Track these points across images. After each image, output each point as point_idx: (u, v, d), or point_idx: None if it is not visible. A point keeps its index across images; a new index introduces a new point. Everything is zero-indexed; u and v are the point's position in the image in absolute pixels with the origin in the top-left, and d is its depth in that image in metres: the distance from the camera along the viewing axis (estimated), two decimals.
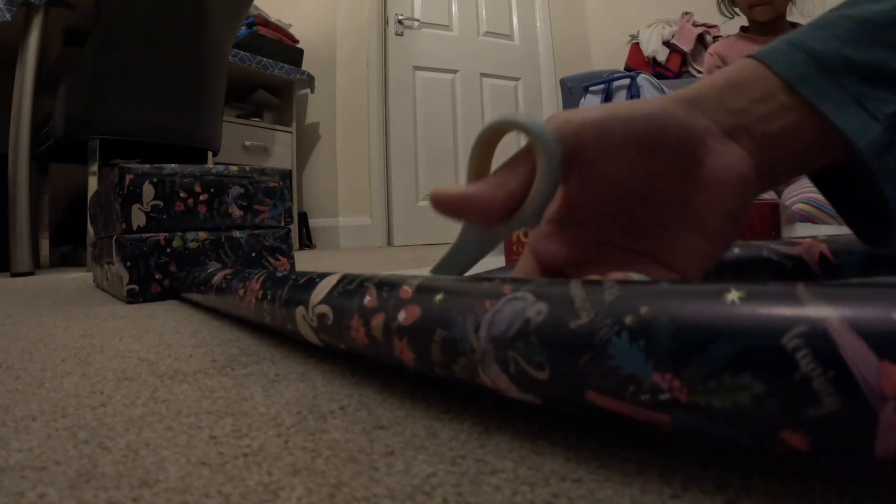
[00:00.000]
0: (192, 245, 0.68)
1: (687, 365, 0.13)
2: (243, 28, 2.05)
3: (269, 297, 0.33)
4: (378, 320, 0.22)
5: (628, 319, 0.14)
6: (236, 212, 0.71)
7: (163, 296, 0.66)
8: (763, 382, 0.12)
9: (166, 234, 0.66)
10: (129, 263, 0.64)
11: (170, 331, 0.44)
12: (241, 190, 0.72)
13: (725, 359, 0.12)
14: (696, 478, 0.15)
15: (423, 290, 0.21)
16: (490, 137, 0.23)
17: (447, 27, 2.61)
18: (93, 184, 1.31)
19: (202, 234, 0.68)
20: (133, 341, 0.40)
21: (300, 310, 0.28)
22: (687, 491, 0.14)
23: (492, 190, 0.22)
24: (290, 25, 2.38)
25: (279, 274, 0.34)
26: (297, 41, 2.36)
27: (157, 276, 0.65)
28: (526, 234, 0.54)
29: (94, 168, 1.32)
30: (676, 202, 0.22)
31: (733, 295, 0.13)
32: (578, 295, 0.16)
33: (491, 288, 0.19)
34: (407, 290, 0.22)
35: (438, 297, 0.20)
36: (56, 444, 0.20)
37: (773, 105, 0.22)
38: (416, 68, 2.53)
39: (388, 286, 0.23)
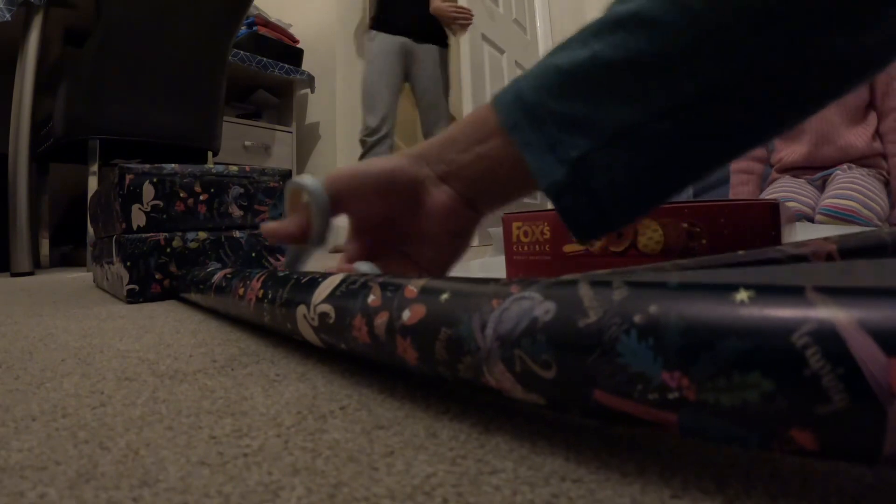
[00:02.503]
0: (192, 245, 0.68)
1: (696, 363, 0.13)
2: (243, 28, 2.05)
3: (269, 296, 0.33)
4: (382, 319, 0.23)
5: (637, 318, 0.14)
6: (236, 212, 0.71)
7: (163, 296, 0.66)
8: (772, 380, 0.12)
9: (166, 234, 0.66)
10: (129, 263, 0.64)
11: (170, 331, 0.44)
12: (241, 190, 0.72)
13: (734, 357, 0.12)
14: (696, 478, 0.15)
15: (429, 290, 0.22)
16: (292, 191, 0.35)
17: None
18: (93, 184, 1.31)
19: (202, 234, 0.68)
20: (133, 341, 0.40)
21: (301, 309, 0.28)
22: (687, 491, 0.14)
23: (289, 225, 0.34)
24: (290, 25, 2.38)
25: (281, 273, 0.34)
26: (297, 41, 2.36)
27: (157, 276, 0.65)
28: (526, 235, 0.54)
29: (94, 168, 1.32)
30: (414, 225, 0.32)
31: (742, 294, 0.13)
32: (587, 294, 0.16)
33: (497, 288, 0.19)
34: (412, 290, 0.22)
35: (444, 296, 0.20)
36: (56, 444, 0.20)
37: (484, 149, 0.29)
38: None
39: (392, 286, 0.23)
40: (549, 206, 0.30)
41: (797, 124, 0.26)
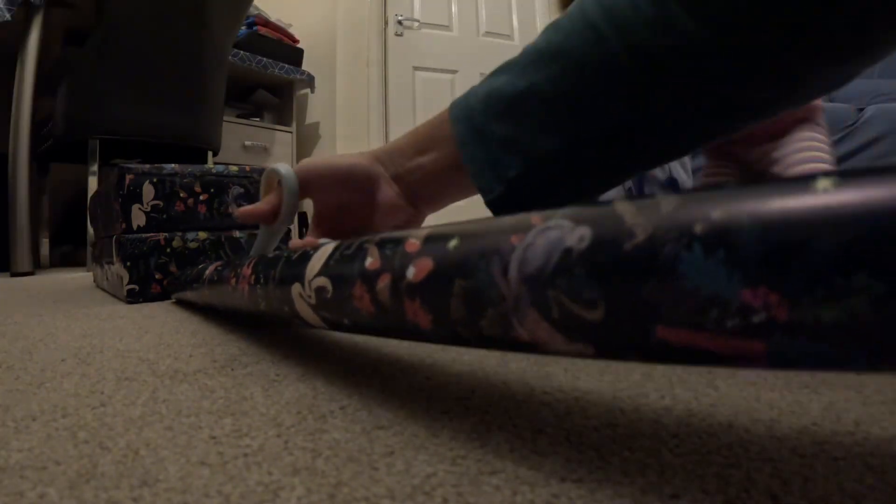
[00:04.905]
0: (192, 245, 0.68)
1: (785, 271, 0.11)
2: (243, 28, 2.05)
3: (262, 279, 0.30)
4: (384, 282, 0.20)
5: (699, 228, 0.12)
6: (236, 212, 0.71)
7: (163, 296, 0.66)
8: (884, 281, 0.10)
9: (166, 234, 0.66)
10: (129, 263, 0.64)
11: (170, 331, 0.44)
12: (241, 190, 0.72)
13: (832, 257, 0.10)
14: (696, 477, 0.15)
15: (433, 238, 0.19)
16: (267, 175, 0.40)
17: (447, 27, 2.61)
18: (93, 184, 1.30)
19: (202, 234, 0.68)
20: (133, 341, 0.40)
21: (296, 287, 0.26)
22: (687, 491, 0.14)
23: (263, 206, 0.38)
24: (290, 25, 2.38)
25: (271, 255, 0.32)
26: (297, 41, 2.36)
27: (157, 276, 0.65)
28: None
29: (94, 168, 1.32)
30: (367, 217, 0.35)
31: (823, 182, 0.11)
32: (627, 210, 0.13)
33: (515, 222, 0.16)
34: (414, 243, 0.19)
35: (453, 243, 0.18)
36: (56, 444, 0.20)
37: (427, 159, 0.33)
38: (416, 68, 2.53)
39: (390, 242, 0.21)
40: None
41: (700, 147, 0.30)
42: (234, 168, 0.72)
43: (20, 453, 0.19)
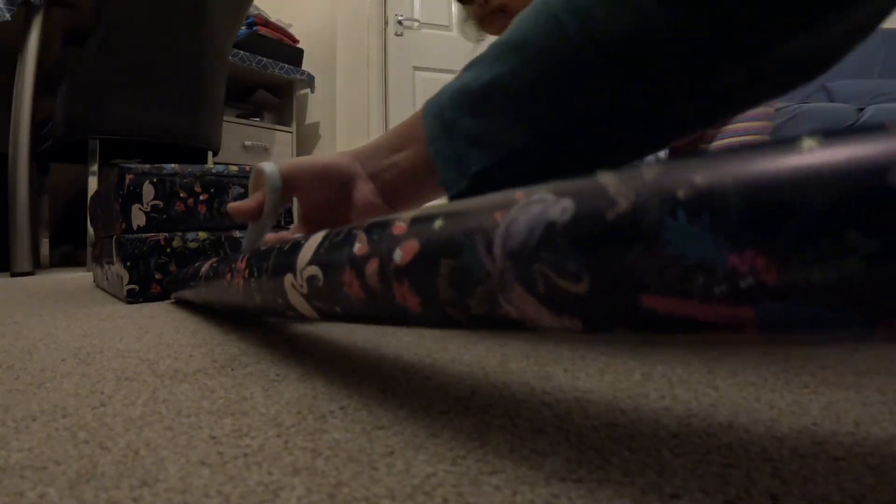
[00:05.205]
0: (192, 245, 0.68)
1: (772, 234, 0.10)
2: (243, 28, 2.05)
3: (255, 272, 0.30)
4: (372, 267, 0.20)
5: (682, 193, 0.11)
6: (228, 207, 0.71)
7: (163, 296, 0.66)
8: (876, 238, 0.09)
9: (166, 234, 0.66)
10: (129, 263, 0.64)
11: (170, 331, 0.44)
12: (241, 190, 0.72)
13: (820, 217, 0.10)
14: (696, 478, 0.15)
15: (419, 220, 0.19)
16: (254, 172, 0.41)
17: (447, 27, 2.61)
18: (93, 184, 1.30)
19: (202, 234, 0.68)
20: (133, 341, 0.40)
21: (288, 278, 0.26)
22: (687, 491, 0.14)
23: (250, 203, 0.38)
24: (290, 25, 2.38)
25: (264, 248, 0.32)
26: (297, 41, 2.36)
27: (157, 276, 0.65)
28: None
29: (94, 168, 1.32)
30: (346, 214, 0.36)
31: (808, 142, 0.11)
32: (610, 181, 0.13)
33: (498, 199, 0.16)
34: (400, 226, 0.19)
35: (438, 223, 0.18)
36: (56, 444, 0.20)
37: (401, 157, 0.34)
38: (416, 68, 2.53)
39: (377, 226, 0.21)
40: None
41: (673, 140, 0.30)
42: (234, 168, 0.72)
43: (20, 453, 0.19)
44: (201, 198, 0.69)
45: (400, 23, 2.55)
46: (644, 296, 0.12)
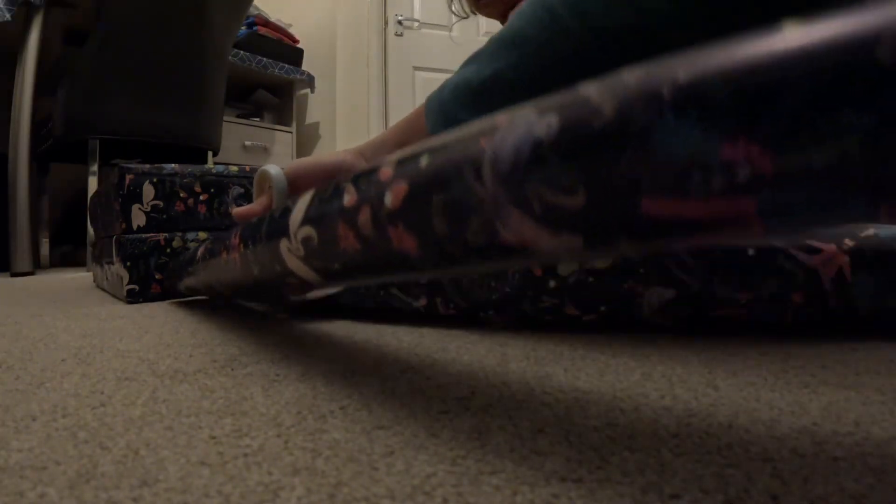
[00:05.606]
0: (192, 245, 0.67)
1: (762, 121, 0.10)
2: (243, 28, 2.05)
3: (250, 243, 0.30)
4: (364, 215, 0.19)
5: (666, 92, 0.11)
6: (233, 212, 0.71)
7: (163, 296, 0.66)
8: (870, 114, 0.09)
9: (166, 234, 0.66)
10: (129, 263, 0.64)
11: (170, 331, 0.44)
12: (241, 190, 0.72)
13: (811, 97, 0.09)
14: (696, 478, 0.15)
15: (404, 161, 0.18)
16: (259, 175, 0.42)
17: (447, 27, 2.61)
18: (93, 184, 1.30)
19: (202, 235, 0.68)
20: (133, 341, 0.40)
21: (283, 242, 0.25)
22: (687, 491, 0.14)
23: (256, 207, 0.39)
24: (290, 25, 2.38)
25: (255, 220, 0.31)
26: (297, 41, 2.37)
27: (157, 277, 0.65)
28: None
29: (94, 168, 1.32)
30: None
31: (790, 24, 0.10)
32: (592, 90, 0.13)
33: (482, 125, 0.16)
34: (386, 171, 0.19)
35: (424, 160, 0.17)
36: (56, 444, 0.20)
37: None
38: (416, 68, 2.53)
39: (364, 175, 0.20)
40: None
41: None
42: (234, 168, 0.72)
43: (20, 453, 0.19)
44: (201, 198, 0.69)
45: (400, 23, 2.55)
46: (643, 200, 0.12)
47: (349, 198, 0.20)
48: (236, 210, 0.41)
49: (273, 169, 0.38)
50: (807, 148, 0.10)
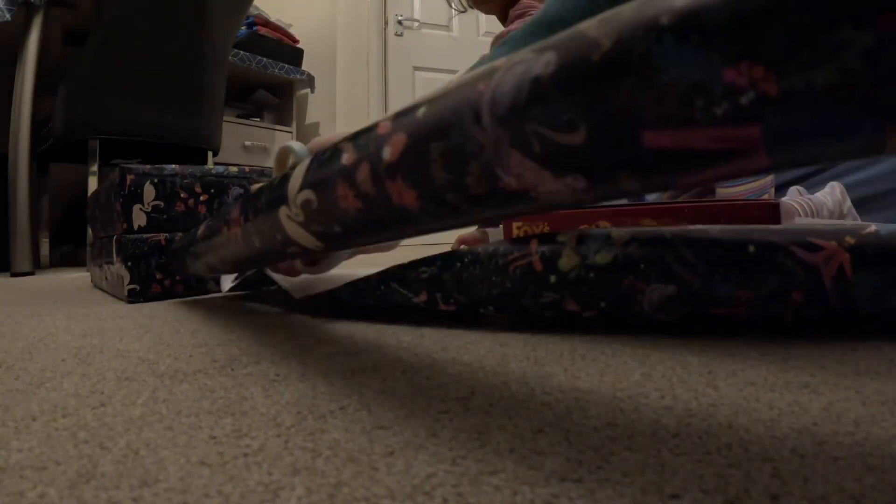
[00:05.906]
0: None
1: (764, 41, 0.10)
2: (243, 28, 2.05)
3: (250, 215, 0.29)
4: (363, 172, 0.19)
5: (665, 20, 0.11)
6: (253, 188, 0.71)
7: (163, 296, 0.66)
8: (870, 30, 0.09)
9: (167, 235, 0.66)
10: (130, 263, 0.64)
11: (170, 331, 0.44)
12: (241, 190, 0.72)
13: (810, 15, 0.09)
14: (696, 477, 0.15)
15: (402, 113, 0.18)
16: (281, 153, 0.42)
17: (447, 27, 2.61)
18: (93, 184, 1.31)
19: None
20: (133, 341, 0.40)
21: (283, 210, 0.25)
22: (687, 491, 0.14)
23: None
24: (290, 25, 2.38)
25: (255, 191, 0.31)
26: (297, 41, 2.37)
27: (157, 276, 0.65)
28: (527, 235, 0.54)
29: (94, 168, 1.32)
30: None
31: None
32: (589, 25, 0.13)
33: (481, 71, 0.16)
34: (385, 125, 0.19)
35: (421, 110, 0.17)
36: (56, 444, 0.20)
37: None
38: (416, 68, 2.53)
39: (363, 133, 0.20)
40: None
41: None
42: (234, 169, 0.72)
43: (20, 453, 0.19)
44: (201, 198, 0.69)
45: (400, 23, 2.55)
46: (646, 132, 0.12)
47: (347, 156, 0.20)
48: (256, 187, 0.41)
49: (296, 145, 0.38)
50: (810, 67, 0.10)
